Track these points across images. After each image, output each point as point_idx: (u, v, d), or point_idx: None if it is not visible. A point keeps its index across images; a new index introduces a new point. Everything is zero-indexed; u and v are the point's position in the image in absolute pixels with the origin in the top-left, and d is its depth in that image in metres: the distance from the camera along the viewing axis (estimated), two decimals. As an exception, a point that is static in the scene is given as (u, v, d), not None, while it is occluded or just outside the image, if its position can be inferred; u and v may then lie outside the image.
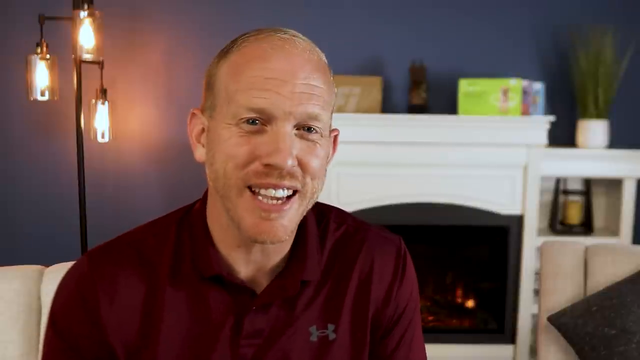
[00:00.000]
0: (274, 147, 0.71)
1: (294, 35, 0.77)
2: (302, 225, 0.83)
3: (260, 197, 0.73)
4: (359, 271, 0.86)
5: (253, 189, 0.74)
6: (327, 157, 0.80)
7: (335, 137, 0.85)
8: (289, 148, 0.72)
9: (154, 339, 0.79)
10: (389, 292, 0.88)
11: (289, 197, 0.75)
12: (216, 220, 0.81)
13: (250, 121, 0.73)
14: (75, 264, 0.83)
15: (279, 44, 0.74)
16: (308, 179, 0.75)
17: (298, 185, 0.74)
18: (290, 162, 0.72)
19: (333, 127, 0.83)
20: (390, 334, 0.89)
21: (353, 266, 0.86)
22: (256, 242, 0.75)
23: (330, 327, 0.84)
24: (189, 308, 0.80)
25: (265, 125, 0.73)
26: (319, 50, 0.80)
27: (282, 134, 0.72)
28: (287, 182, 0.73)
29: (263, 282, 0.82)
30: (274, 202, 0.74)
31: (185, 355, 0.80)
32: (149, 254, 0.81)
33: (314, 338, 0.83)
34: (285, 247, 0.83)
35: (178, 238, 0.82)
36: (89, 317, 0.79)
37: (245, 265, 0.81)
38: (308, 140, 0.75)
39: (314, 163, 0.75)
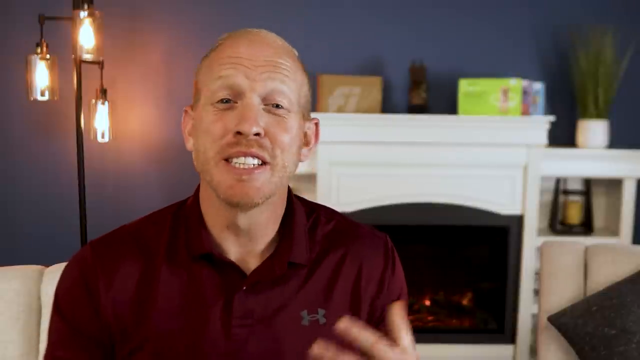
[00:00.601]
0: (241, 117, 0.80)
1: (262, 30, 0.87)
2: (290, 214, 0.91)
3: (233, 164, 0.81)
4: (349, 260, 0.92)
5: (227, 160, 0.81)
6: (302, 138, 0.88)
7: (316, 125, 0.93)
8: (254, 116, 0.80)
9: (146, 316, 0.85)
10: (382, 282, 0.93)
11: (260, 166, 0.82)
12: (207, 204, 0.88)
13: (225, 100, 0.82)
14: (78, 252, 0.90)
15: (245, 35, 0.85)
16: (278, 152, 0.82)
17: (267, 156, 0.81)
18: (256, 129, 0.79)
19: (314, 117, 0.92)
20: (381, 325, 0.92)
21: (344, 255, 0.92)
22: (231, 204, 0.82)
23: (321, 311, 0.88)
24: (181, 287, 0.86)
25: (236, 102, 0.81)
26: (288, 44, 0.88)
27: (248, 105, 0.80)
28: (255, 150, 0.80)
29: (253, 266, 0.88)
30: (246, 167, 0.81)
31: (178, 332, 0.85)
32: (147, 240, 0.89)
33: (305, 322, 0.87)
34: (270, 231, 0.89)
35: (173, 227, 0.90)
36: (91, 301, 0.86)
37: (236, 248, 0.88)
38: (275, 114, 0.82)
39: (282, 136, 0.82)
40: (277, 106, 0.82)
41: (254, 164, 0.81)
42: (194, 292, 0.85)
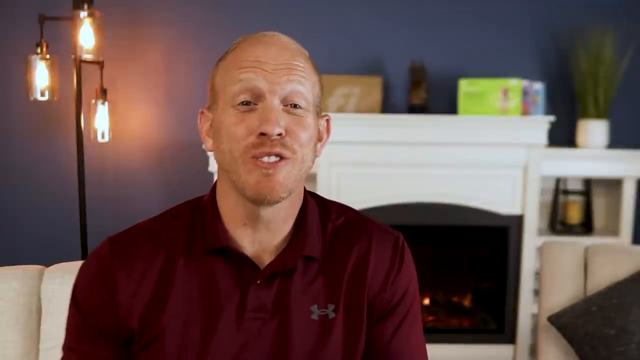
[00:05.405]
0: (264, 118, 0.83)
1: (276, 33, 0.90)
2: (304, 210, 0.93)
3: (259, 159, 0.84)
4: (356, 255, 0.93)
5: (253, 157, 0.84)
6: (317, 134, 0.91)
7: (328, 121, 0.96)
8: (276, 117, 0.83)
9: (161, 309, 0.86)
10: (386, 279, 0.93)
11: (282, 160, 0.85)
12: (225, 201, 0.90)
13: (245, 103, 0.85)
14: (96, 247, 0.92)
15: (262, 39, 0.88)
16: (297, 147, 0.85)
17: (289, 154, 0.85)
18: (278, 130, 0.83)
19: (324, 114, 0.95)
20: (385, 322, 0.94)
21: (351, 250, 0.93)
22: (257, 201, 0.85)
23: (330, 306, 0.90)
24: (197, 280, 0.88)
25: (257, 104, 0.85)
26: (302, 47, 0.92)
27: (269, 107, 0.84)
28: (279, 149, 0.84)
29: (267, 261, 0.89)
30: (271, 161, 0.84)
31: (192, 325, 0.86)
32: (166, 234, 0.91)
33: (315, 317, 0.89)
34: (287, 226, 0.91)
35: (191, 221, 0.92)
36: (108, 296, 0.87)
37: (251, 243, 0.89)
38: (294, 114, 0.86)
39: (302, 134, 0.86)
40: (295, 106, 0.86)
41: (276, 159, 0.84)
42: (209, 285, 0.87)
